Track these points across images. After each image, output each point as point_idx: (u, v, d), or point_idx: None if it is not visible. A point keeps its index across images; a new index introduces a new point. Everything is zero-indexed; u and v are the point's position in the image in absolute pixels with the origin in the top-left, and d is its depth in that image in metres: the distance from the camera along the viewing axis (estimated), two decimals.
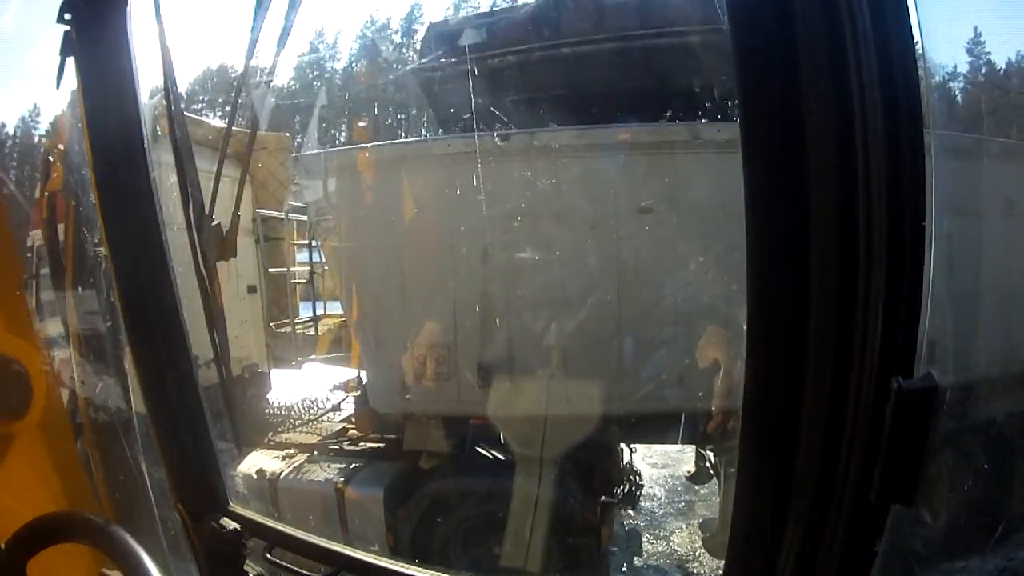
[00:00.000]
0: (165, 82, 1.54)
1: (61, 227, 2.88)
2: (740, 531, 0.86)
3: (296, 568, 1.37)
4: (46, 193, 3.03)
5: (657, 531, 5.15)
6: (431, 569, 1.29)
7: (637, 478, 4.98)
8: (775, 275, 0.77)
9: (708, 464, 4.97)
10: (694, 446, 4.89)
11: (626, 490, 4.80)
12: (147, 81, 1.45)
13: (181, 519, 1.49)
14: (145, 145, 1.41)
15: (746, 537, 0.85)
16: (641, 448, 5.23)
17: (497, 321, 4.05)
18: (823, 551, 0.79)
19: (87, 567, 1.41)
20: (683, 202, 3.89)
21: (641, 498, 5.11)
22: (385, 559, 1.32)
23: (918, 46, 0.75)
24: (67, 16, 1.34)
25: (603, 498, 4.20)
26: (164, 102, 1.57)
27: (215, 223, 1.75)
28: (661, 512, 5.43)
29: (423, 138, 6.56)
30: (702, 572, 4.55)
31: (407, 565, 1.29)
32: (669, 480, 5.72)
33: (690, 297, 3.86)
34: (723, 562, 0.91)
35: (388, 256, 4.24)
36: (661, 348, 3.97)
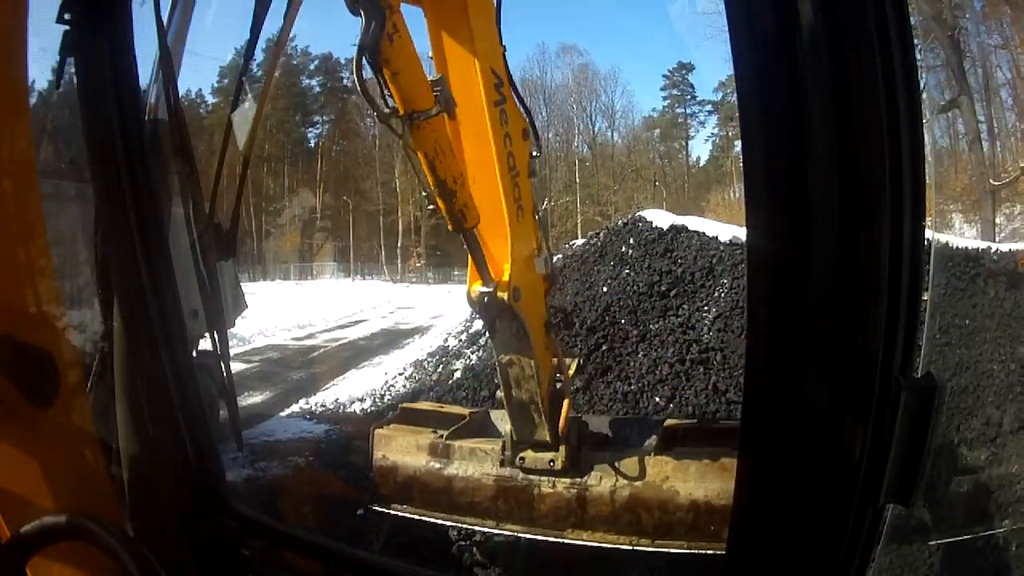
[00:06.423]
0: (165, 81, 1.54)
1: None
2: (740, 530, 0.85)
3: (296, 568, 1.37)
4: None
5: None
6: (431, 569, 1.29)
7: None
8: (776, 276, 0.76)
9: None
10: None
11: None
12: (147, 80, 1.45)
13: (182, 519, 1.49)
14: (145, 144, 1.41)
15: (746, 536, 0.85)
16: None
17: None
18: (823, 551, 0.78)
19: (87, 568, 1.41)
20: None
21: None
22: (385, 559, 1.32)
23: (918, 46, 0.75)
24: (67, 16, 1.33)
25: None
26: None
27: (215, 222, 1.74)
28: None
29: None
30: None
31: (407, 565, 1.28)
32: None
33: None
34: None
35: None
36: None
